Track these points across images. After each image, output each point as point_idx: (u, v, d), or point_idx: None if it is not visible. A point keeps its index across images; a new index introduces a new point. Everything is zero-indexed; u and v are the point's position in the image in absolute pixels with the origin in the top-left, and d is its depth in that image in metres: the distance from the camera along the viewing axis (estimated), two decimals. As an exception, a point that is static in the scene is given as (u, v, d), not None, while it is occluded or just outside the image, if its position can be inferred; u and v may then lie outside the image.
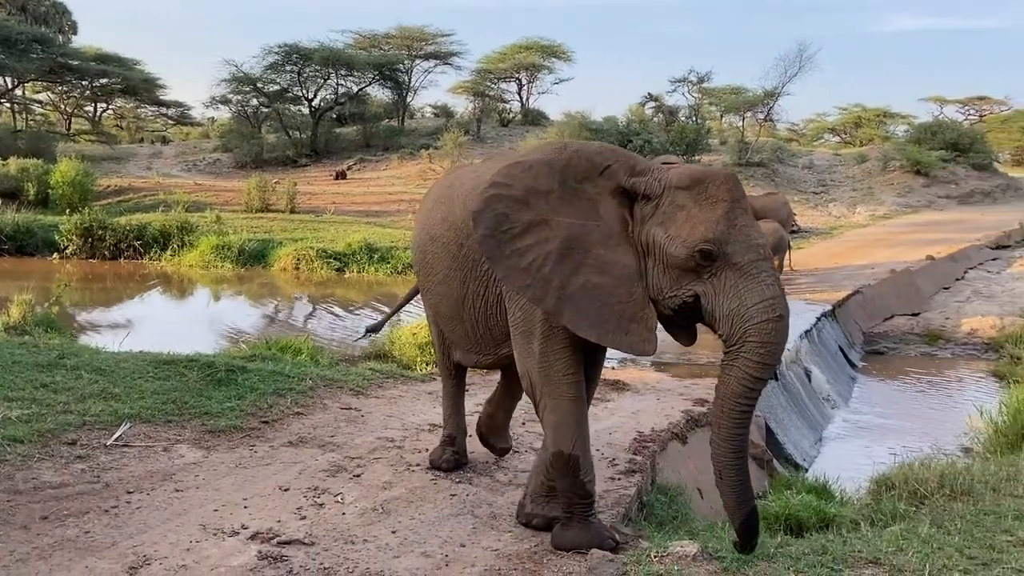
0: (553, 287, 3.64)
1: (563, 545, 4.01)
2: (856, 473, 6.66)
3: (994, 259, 20.41)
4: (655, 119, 32.65)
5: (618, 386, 7.92)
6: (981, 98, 49.94)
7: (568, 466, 3.96)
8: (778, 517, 5.03)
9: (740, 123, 35.97)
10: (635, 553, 3.89)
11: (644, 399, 7.51)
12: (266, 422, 6.04)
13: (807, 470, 7.98)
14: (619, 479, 5.23)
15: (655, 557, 3.78)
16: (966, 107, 49.82)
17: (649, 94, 34.47)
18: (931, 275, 17.39)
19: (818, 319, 12.35)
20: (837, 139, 46.82)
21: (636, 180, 3.71)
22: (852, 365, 12.69)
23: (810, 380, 10.47)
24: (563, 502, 4.05)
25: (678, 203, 3.59)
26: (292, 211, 23.42)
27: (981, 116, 48.93)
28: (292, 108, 37.46)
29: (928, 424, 9.56)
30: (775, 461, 7.76)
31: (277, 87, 36.66)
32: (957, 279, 18.01)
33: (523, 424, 6.54)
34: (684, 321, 3.72)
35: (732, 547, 3.73)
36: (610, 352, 10.55)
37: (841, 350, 12.72)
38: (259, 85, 36.17)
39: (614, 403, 7.34)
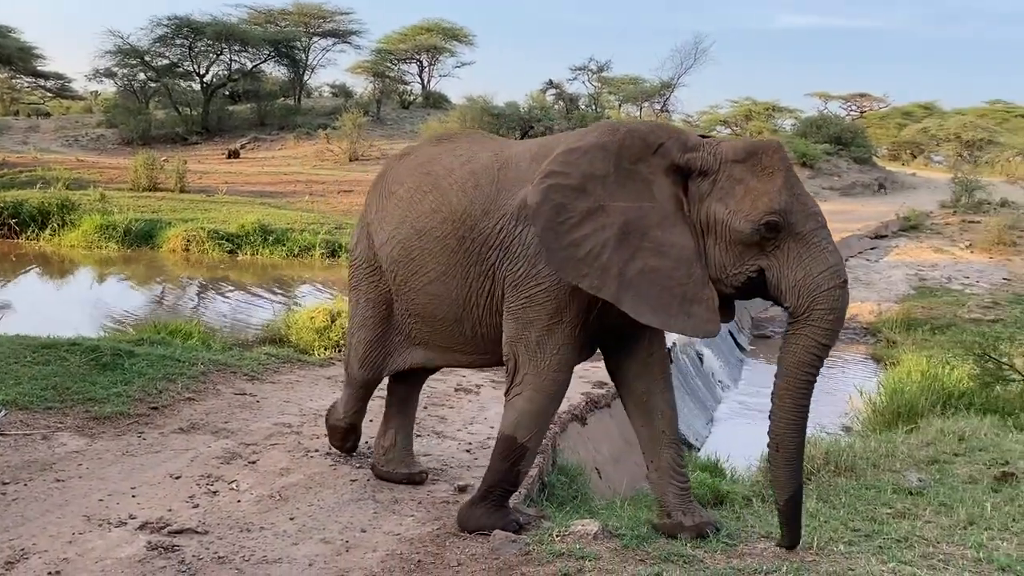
0: (612, 275, 3.51)
1: (467, 525, 3.99)
2: (746, 452, 6.90)
3: (873, 248, 21.53)
4: (556, 106, 32.93)
5: (519, 369, 7.96)
6: (862, 95, 52.41)
7: (513, 453, 3.92)
8: (674, 495, 5.14)
9: (638, 113, 36.66)
10: (537, 533, 3.92)
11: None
12: (155, 408, 5.80)
13: (699, 450, 8.23)
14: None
15: (557, 536, 3.82)
16: (848, 103, 52.17)
17: (550, 81, 34.80)
18: (815, 263, 18.15)
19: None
20: (729, 131, 48.29)
21: (690, 156, 3.59)
22: (741, 348, 13.16)
23: (702, 363, 10.80)
24: (488, 482, 4.01)
25: (735, 177, 3.51)
26: (182, 190, 22.51)
27: (862, 112, 51.36)
28: (182, 84, 35.99)
29: (812, 404, 10.00)
30: (670, 441, 7.95)
31: (166, 61, 35.13)
32: (839, 267, 18.87)
33: (425, 408, 6.49)
34: (743, 298, 3.67)
35: (779, 539, 3.66)
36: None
37: (731, 334, 13.17)
38: (147, 59, 34.56)
39: (515, 386, 7.37)
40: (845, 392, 9.81)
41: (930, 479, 4.90)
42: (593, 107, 34.42)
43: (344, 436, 5.00)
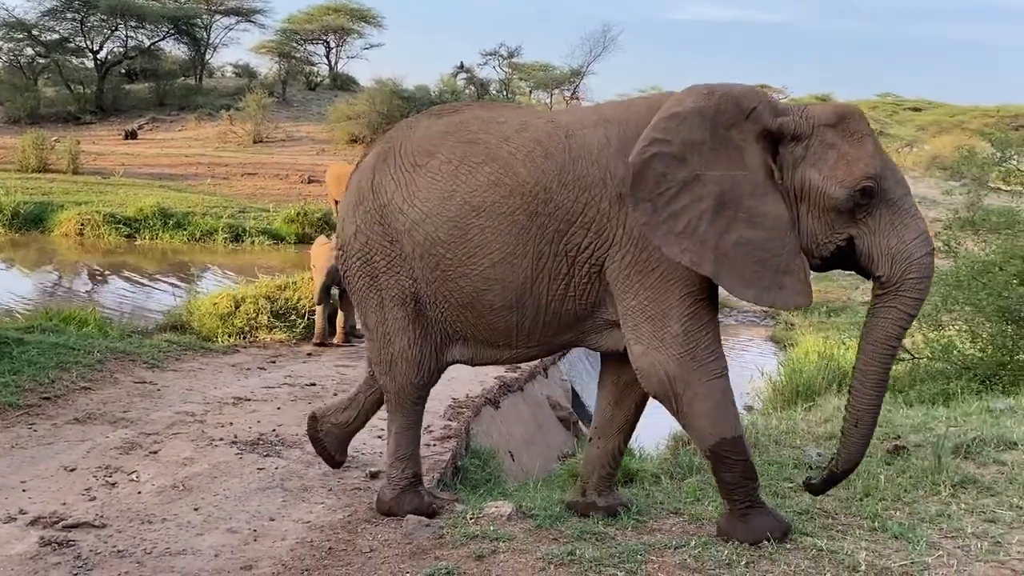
0: (709, 248, 3.32)
1: (749, 538, 3.53)
2: (654, 431, 7.05)
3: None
4: (467, 91, 32.77)
5: (431, 354, 7.92)
6: (762, 86, 54.08)
7: (736, 451, 3.52)
8: (586, 475, 5.21)
9: (548, 100, 36.87)
10: (451, 516, 3.90)
11: (458, 366, 7.53)
12: (47, 398, 5.53)
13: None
14: (434, 445, 5.23)
15: (471, 519, 3.82)
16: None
17: (461, 64, 34.53)
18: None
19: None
20: (636, 119, 49.12)
21: (783, 121, 3.42)
22: (650, 332, 13.41)
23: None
24: (734, 493, 3.56)
25: (828, 142, 3.38)
26: (75, 172, 21.48)
27: (763, 103, 52.99)
28: (74, 60, 34.21)
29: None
30: (580, 423, 8.07)
31: (56, 36, 33.31)
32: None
33: (335, 395, 6.38)
34: (825, 268, 3.55)
35: (814, 482, 3.67)
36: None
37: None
38: (35, 33, 32.71)
39: (427, 371, 7.33)
40: (747, 373, 10.13)
41: (828, 454, 5.09)
42: (504, 92, 34.40)
43: (415, 492, 4.03)
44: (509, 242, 3.56)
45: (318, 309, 8.52)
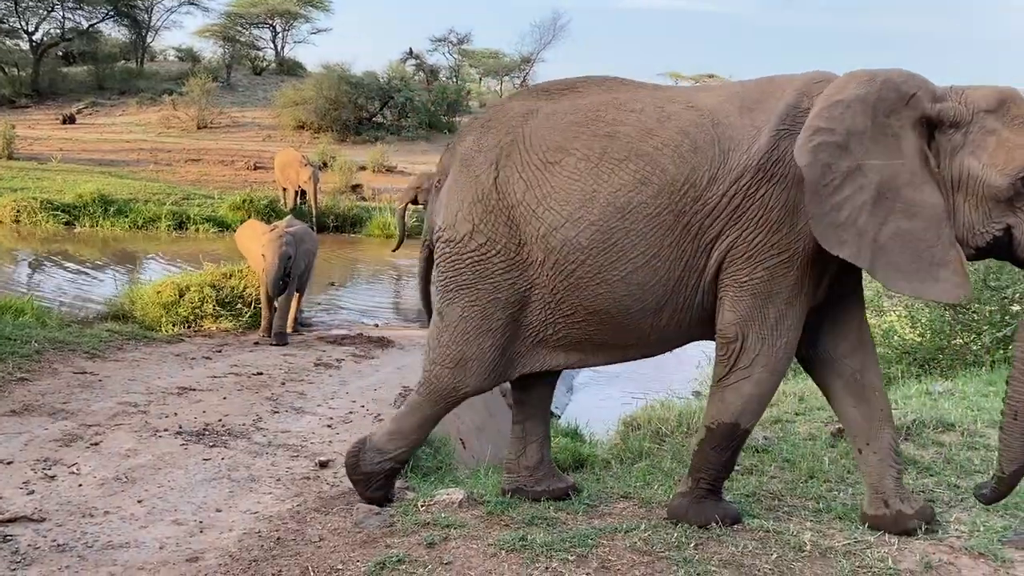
0: (867, 240, 3.24)
1: (693, 520, 3.58)
2: (604, 417, 7.11)
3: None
4: (416, 77, 32.50)
5: (382, 343, 7.87)
6: (710, 76, 54.67)
7: (733, 440, 3.55)
8: (537, 461, 5.22)
9: (498, 87, 36.78)
10: (402, 504, 3.88)
11: (409, 355, 7.52)
12: (-18, 390, 5.34)
13: (560, 417, 8.40)
14: (384, 433, 5.18)
15: (422, 506, 3.80)
16: (697, 83, 54.39)
17: (410, 50, 34.20)
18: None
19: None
20: (586, 107, 49.34)
21: (941, 107, 3.31)
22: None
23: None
24: (704, 474, 3.59)
25: (988, 128, 3.27)
26: (10, 157, 20.80)
27: (710, 93, 53.64)
28: (8, 42, 33.04)
29: (664, 371, 10.40)
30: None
31: (-12, 16, 32.15)
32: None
33: (283, 384, 6.30)
34: (978, 258, 3.45)
35: (981, 492, 3.48)
36: (374, 309, 10.33)
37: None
38: (-36, 12, 31.51)
39: (379, 360, 7.28)
40: (695, 358, 10.25)
41: (774, 437, 5.19)
42: (454, 79, 34.21)
43: (390, 478, 3.99)
44: (653, 244, 3.39)
45: (273, 302, 8.06)
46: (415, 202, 13.38)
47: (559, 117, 3.57)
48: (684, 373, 9.92)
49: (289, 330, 8.30)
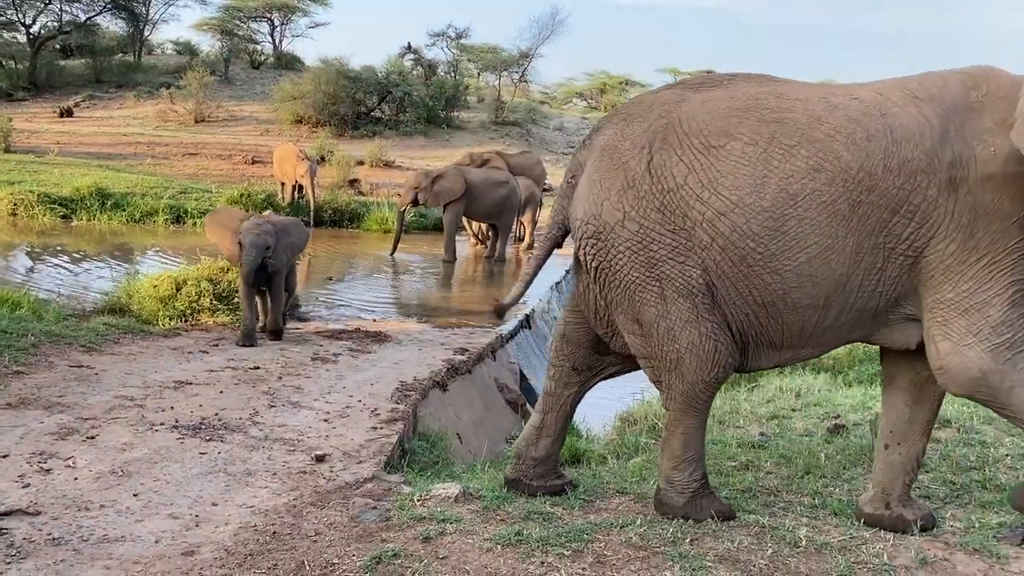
0: None
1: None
2: (601, 412, 7.10)
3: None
4: (414, 72, 32.41)
5: (380, 337, 7.86)
6: (709, 72, 54.70)
7: None
8: (534, 456, 5.22)
9: (496, 82, 36.70)
10: (398, 498, 3.88)
11: (406, 350, 7.51)
12: (-22, 383, 5.34)
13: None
14: (382, 428, 5.19)
15: (418, 501, 3.80)
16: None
17: (409, 44, 34.10)
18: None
19: (566, 272, 13.00)
20: (585, 104, 49.15)
21: None
22: (597, 315, 13.50)
23: (560, 329, 11.00)
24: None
25: None
26: (7, 150, 20.70)
27: (709, 89, 53.56)
28: (5, 34, 32.93)
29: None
30: (528, 405, 8.09)
31: (-15, 9, 32.03)
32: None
33: (280, 378, 6.30)
34: None
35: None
36: (372, 303, 10.30)
37: (587, 301, 13.49)
38: (-39, 5, 31.39)
39: (376, 354, 7.27)
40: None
41: (771, 433, 5.20)
42: (452, 74, 34.12)
43: (707, 492, 3.71)
44: (827, 235, 3.25)
45: (253, 299, 7.58)
46: (416, 203, 13.34)
47: (716, 103, 3.45)
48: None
49: (262, 330, 7.68)
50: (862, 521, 3.64)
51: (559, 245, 3.87)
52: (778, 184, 3.27)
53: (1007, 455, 4.64)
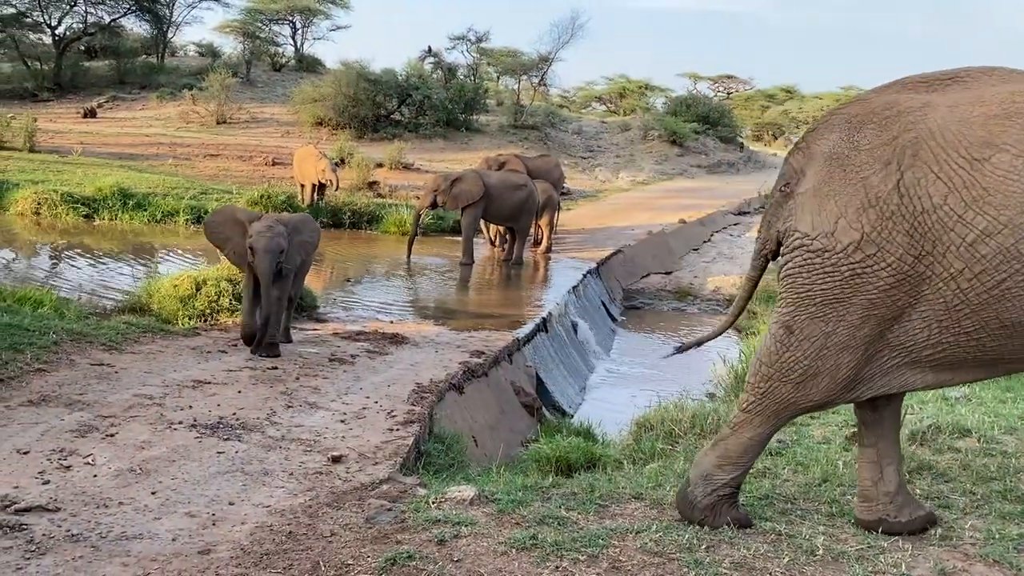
0: None
1: None
2: (617, 417, 7.09)
3: (736, 224, 22.45)
4: (434, 75, 32.51)
5: (397, 339, 7.88)
6: (729, 77, 54.40)
7: None
8: (549, 459, 5.24)
9: (516, 86, 36.73)
10: (413, 500, 3.88)
11: (423, 351, 7.53)
12: (0, 380, 5.39)
13: (572, 416, 8.39)
14: (398, 429, 5.21)
15: (433, 503, 3.81)
16: (716, 84, 54.05)
17: (429, 48, 34.19)
18: (682, 237, 18.82)
19: (584, 276, 12.98)
20: (604, 107, 49.12)
21: None
22: (613, 319, 13.49)
23: (576, 333, 11.00)
24: None
25: None
26: (31, 150, 20.93)
27: (729, 93, 53.35)
28: (31, 36, 33.35)
29: (678, 372, 10.38)
30: (544, 408, 8.09)
31: (12, 10, 32.43)
32: (705, 241, 19.61)
33: (297, 379, 6.33)
34: None
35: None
36: (389, 305, 10.34)
37: (603, 305, 13.47)
38: (-11, 6, 31.82)
39: (393, 356, 7.29)
40: (709, 360, 10.21)
41: (788, 440, 5.16)
42: (472, 77, 34.19)
43: (732, 501, 3.64)
44: None
45: (256, 302, 7.05)
46: (434, 206, 13.37)
47: (966, 109, 3.17)
48: (699, 375, 9.88)
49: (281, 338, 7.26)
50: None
51: (773, 259, 3.60)
52: None
53: (1029, 466, 4.58)
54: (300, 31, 37.24)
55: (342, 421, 5.37)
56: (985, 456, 4.73)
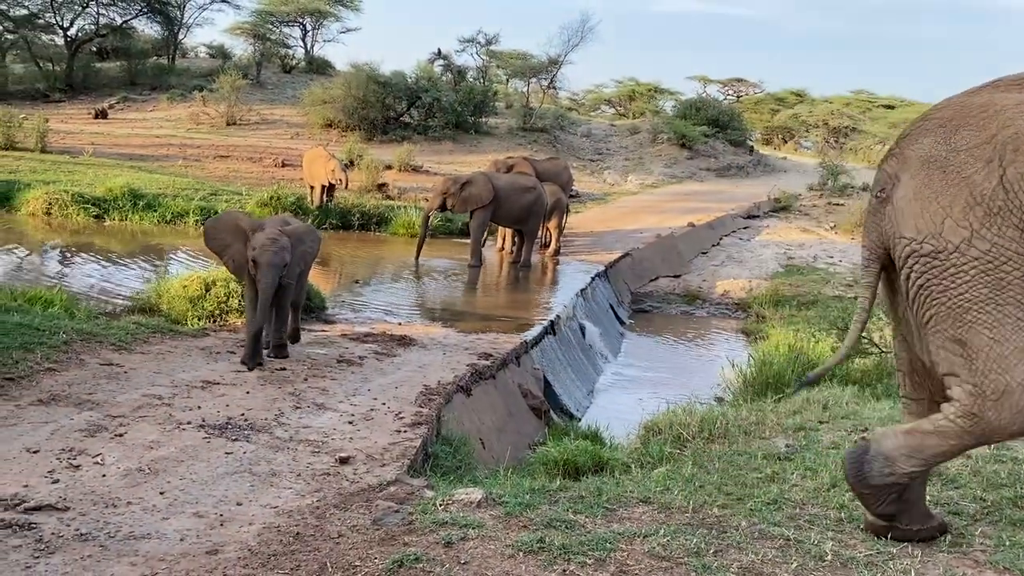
0: None
1: None
2: (625, 420, 7.08)
3: (745, 227, 22.39)
4: (444, 77, 32.55)
5: (405, 341, 7.88)
6: (739, 80, 54.30)
7: None
8: (557, 462, 5.23)
9: (525, 89, 36.75)
10: (421, 502, 3.88)
11: (431, 353, 7.53)
12: (11, 379, 5.43)
13: (580, 419, 8.39)
14: (405, 431, 5.21)
15: (440, 505, 3.80)
16: (726, 87, 53.93)
17: (438, 51, 34.23)
18: (691, 240, 18.78)
19: (592, 279, 12.96)
20: (613, 110, 49.06)
21: None
22: (621, 322, 13.46)
23: (584, 335, 10.98)
24: None
25: None
26: (43, 150, 21.05)
27: (738, 97, 53.23)
28: (43, 37, 33.54)
29: (687, 376, 10.36)
30: (551, 411, 8.08)
31: (24, 11, 32.63)
32: (713, 245, 19.56)
33: (305, 380, 6.34)
34: None
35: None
36: (397, 307, 10.35)
37: (611, 308, 13.45)
38: (2, 8, 32.01)
39: (400, 358, 7.29)
40: (717, 364, 10.19)
41: (797, 445, 5.14)
42: (481, 80, 34.22)
43: (900, 495, 3.51)
44: None
45: (267, 316, 6.78)
46: (443, 208, 13.38)
47: None
48: (708, 378, 9.86)
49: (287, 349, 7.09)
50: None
51: (885, 269, 3.54)
52: None
53: (1039, 472, 4.55)
54: (310, 33, 37.34)
55: (350, 422, 5.37)
56: (995, 462, 4.70)
